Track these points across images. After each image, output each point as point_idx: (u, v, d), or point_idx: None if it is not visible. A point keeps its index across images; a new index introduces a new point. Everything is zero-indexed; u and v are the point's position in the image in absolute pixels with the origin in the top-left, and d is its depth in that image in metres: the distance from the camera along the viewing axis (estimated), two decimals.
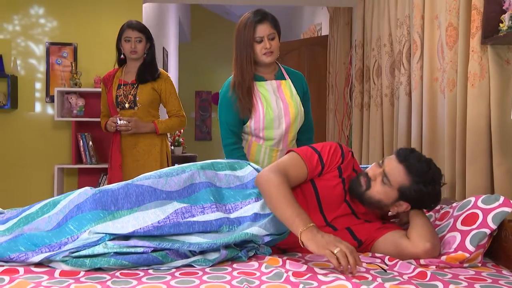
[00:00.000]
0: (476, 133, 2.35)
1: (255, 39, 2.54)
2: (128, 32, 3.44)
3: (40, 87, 4.71)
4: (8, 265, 1.66)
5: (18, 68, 4.67)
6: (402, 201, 1.90)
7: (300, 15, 8.83)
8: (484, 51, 2.34)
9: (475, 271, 1.73)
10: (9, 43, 4.65)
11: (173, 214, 1.83)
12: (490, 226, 1.79)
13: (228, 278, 1.56)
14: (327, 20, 6.24)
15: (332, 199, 1.96)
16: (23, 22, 4.65)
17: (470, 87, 2.38)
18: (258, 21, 2.54)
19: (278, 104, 2.62)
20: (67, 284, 1.49)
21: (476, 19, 2.37)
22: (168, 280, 1.54)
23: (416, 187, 1.86)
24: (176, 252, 1.72)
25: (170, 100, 3.55)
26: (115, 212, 1.79)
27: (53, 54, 4.68)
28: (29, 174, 4.66)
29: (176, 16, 8.61)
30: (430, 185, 1.87)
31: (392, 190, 1.88)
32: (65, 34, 4.69)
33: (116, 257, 1.66)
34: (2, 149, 4.65)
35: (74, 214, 1.79)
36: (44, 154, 4.68)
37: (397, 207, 1.92)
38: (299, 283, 1.47)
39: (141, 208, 1.82)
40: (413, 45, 3.18)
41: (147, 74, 3.48)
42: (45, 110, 4.72)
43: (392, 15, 3.67)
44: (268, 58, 2.56)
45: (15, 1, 4.62)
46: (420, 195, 1.86)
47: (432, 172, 1.89)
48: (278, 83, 2.66)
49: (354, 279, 1.55)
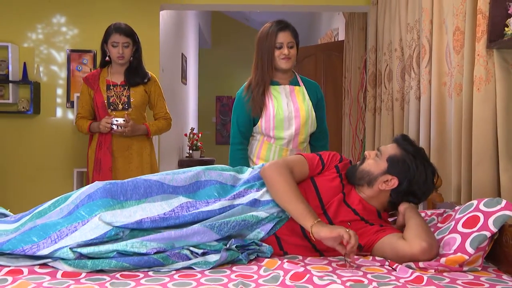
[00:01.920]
0: (482, 137, 2.31)
1: (276, 45, 2.68)
2: (115, 36, 3.35)
3: (61, 93, 4.76)
4: (14, 265, 1.67)
5: (41, 74, 4.73)
6: (390, 174, 1.94)
7: (319, 20, 8.80)
8: (490, 55, 2.30)
9: (474, 275, 1.69)
10: (33, 51, 4.71)
11: (179, 207, 1.89)
12: (491, 229, 1.75)
13: (225, 281, 1.55)
14: (343, 25, 6.20)
15: (329, 192, 1.99)
16: (46, 31, 4.71)
17: (476, 91, 2.34)
18: (280, 28, 2.70)
19: (289, 106, 2.73)
20: (67, 285, 1.50)
21: (482, 23, 2.33)
22: (166, 282, 1.54)
23: (405, 157, 1.94)
24: (177, 254, 1.72)
25: (158, 103, 3.55)
26: (124, 202, 1.87)
27: (73, 61, 4.74)
28: (50, 177, 4.71)
29: (196, 23, 8.65)
30: (417, 159, 1.94)
31: (382, 161, 1.97)
32: (85, 42, 4.74)
33: (118, 259, 1.66)
34: (25, 153, 4.71)
35: (85, 202, 1.86)
36: (64, 157, 4.73)
37: (385, 183, 1.95)
38: (294, 286, 1.45)
39: (149, 200, 1.89)
40: (422, 50, 3.14)
41: (137, 77, 3.43)
42: (65, 115, 4.77)
43: (403, 19, 3.63)
44: (285, 63, 2.70)
45: (38, 11, 4.68)
46: (408, 168, 1.93)
47: (421, 150, 1.99)
48: (292, 88, 2.78)
49: (349, 282, 1.53)
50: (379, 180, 1.96)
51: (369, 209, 1.99)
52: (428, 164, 1.97)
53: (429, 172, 1.95)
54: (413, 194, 1.96)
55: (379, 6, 4.30)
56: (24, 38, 4.69)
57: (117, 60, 3.40)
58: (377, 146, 4.21)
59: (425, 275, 1.61)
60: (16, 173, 4.70)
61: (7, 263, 1.69)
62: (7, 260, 1.70)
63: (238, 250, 1.81)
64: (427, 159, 1.99)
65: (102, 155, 3.41)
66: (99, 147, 3.44)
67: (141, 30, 3.74)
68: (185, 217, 1.85)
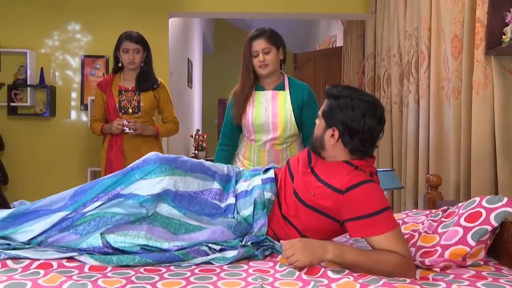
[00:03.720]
0: (481, 138, 2.32)
1: (252, 54, 2.65)
2: (126, 43, 3.36)
3: (76, 96, 4.76)
4: (44, 259, 1.67)
5: (57, 79, 4.73)
6: (329, 128, 1.80)
7: (317, 28, 8.81)
8: (488, 61, 2.32)
9: (476, 270, 1.70)
10: (49, 56, 4.71)
11: (208, 191, 1.96)
12: (492, 224, 1.76)
13: (243, 275, 1.55)
14: (341, 32, 6.21)
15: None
16: (61, 38, 4.71)
17: (475, 95, 2.35)
18: (253, 37, 2.65)
19: (268, 112, 2.70)
20: (95, 278, 1.50)
21: (480, 31, 2.34)
22: (188, 276, 1.54)
23: (331, 105, 1.79)
24: (197, 250, 1.72)
25: (167, 107, 3.55)
26: (174, 169, 1.91)
27: (87, 66, 4.74)
28: (65, 176, 4.71)
29: (201, 30, 8.65)
30: (342, 99, 1.77)
31: (320, 120, 1.86)
32: (98, 48, 4.74)
33: (141, 255, 1.67)
34: (42, 153, 4.71)
35: (140, 165, 1.92)
36: (79, 157, 4.73)
37: (331, 138, 1.80)
38: (310, 281, 1.45)
39: (192, 175, 1.95)
40: (421, 56, 3.15)
41: (147, 83, 3.44)
42: (79, 117, 4.77)
43: (401, 27, 3.64)
44: (263, 70, 2.67)
45: (55, 19, 4.68)
46: (338, 113, 1.77)
47: (345, 90, 1.80)
48: (274, 93, 2.74)
49: (361, 278, 1.53)
50: (325, 139, 1.82)
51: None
52: (357, 97, 1.76)
53: (360, 105, 1.74)
54: (359, 133, 1.76)
55: (377, 14, 4.31)
56: (41, 45, 4.70)
57: (128, 66, 3.41)
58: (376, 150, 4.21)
59: (430, 275, 1.62)
60: (33, 172, 4.70)
61: (36, 256, 1.69)
62: (36, 253, 1.70)
63: (253, 246, 1.81)
64: (355, 96, 1.77)
65: (114, 155, 3.42)
66: (110, 147, 3.45)
67: (151, 37, 3.74)
68: (207, 204, 1.92)
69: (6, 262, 1.64)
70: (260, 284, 1.43)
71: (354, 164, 1.80)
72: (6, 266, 1.61)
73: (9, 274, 1.51)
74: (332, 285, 1.43)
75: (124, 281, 1.48)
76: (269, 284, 1.45)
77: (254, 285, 1.44)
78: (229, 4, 4.82)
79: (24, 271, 1.55)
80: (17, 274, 1.52)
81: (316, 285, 1.42)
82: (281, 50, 2.71)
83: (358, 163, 1.81)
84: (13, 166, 4.62)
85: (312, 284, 1.42)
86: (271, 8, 4.82)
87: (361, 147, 1.79)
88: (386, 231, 1.66)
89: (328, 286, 1.43)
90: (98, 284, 1.45)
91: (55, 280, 1.46)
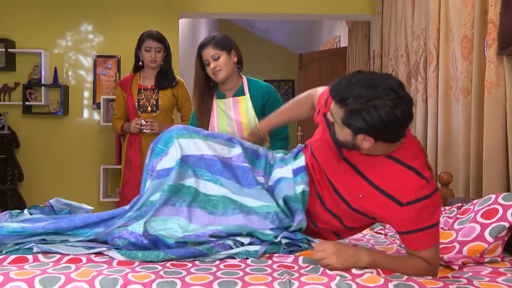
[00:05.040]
0: (492, 136, 2.32)
1: (204, 63, 2.58)
2: (149, 42, 3.35)
3: (88, 96, 4.76)
4: (73, 254, 1.68)
5: (69, 78, 4.73)
6: (355, 134, 1.53)
7: (320, 28, 8.79)
8: (500, 61, 2.32)
9: (493, 267, 1.70)
10: (62, 56, 4.71)
11: (236, 157, 1.90)
12: (509, 220, 1.77)
13: (269, 271, 1.55)
14: (345, 32, 6.20)
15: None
16: (74, 38, 4.72)
17: (487, 94, 2.35)
18: (201, 47, 2.59)
19: (231, 122, 2.64)
20: (125, 273, 1.50)
21: (493, 31, 2.34)
22: (214, 272, 1.54)
23: (346, 113, 1.50)
24: (221, 244, 1.72)
25: (185, 105, 3.54)
26: (192, 133, 1.90)
27: (99, 65, 4.73)
28: (78, 173, 4.72)
29: (207, 30, 8.64)
30: (361, 111, 1.46)
31: (342, 127, 1.56)
32: (110, 48, 4.74)
33: (165, 251, 1.67)
34: (55, 151, 4.71)
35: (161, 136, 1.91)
36: (91, 155, 4.73)
37: (365, 141, 1.54)
38: (336, 276, 1.45)
39: (214, 140, 1.92)
40: (429, 56, 3.15)
41: (166, 81, 3.43)
42: (92, 116, 4.77)
43: (409, 28, 3.63)
44: (217, 77, 2.59)
45: (68, 20, 4.68)
46: (353, 117, 1.48)
47: (357, 93, 1.48)
48: (235, 100, 2.67)
49: (385, 274, 1.53)
50: (358, 143, 1.56)
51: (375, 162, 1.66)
52: (376, 98, 1.46)
53: (383, 104, 1.45)
54: (396, 127, 1.51)
55: (384, 15, 4.30)
56: (55, 45, 4.70)
57: (149, 64, 3.40)
58: None
59: (449, 274, 1.63)
60: (47, 169, 4.71)
61: (66, 251, 1.69)
62: (66, 248, 1.70)
63: (285, 247, 1.79)
64: (372, 96, 1.46)
65: (132, 153, 3.42)
66: (129, 145, 3.45)
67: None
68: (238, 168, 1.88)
69: (38, 256, 1.65)
70: (288, 279, 1.43)
71: (411, 166, 1.60)
72: (38, 261, 1.62)
73: (42, 268, 1.51)
74: (357, 280, 1.43)
75: (154, 276, 1.48)
76: (295, 279, 1.45)
77: (281, 280, 1.44)
78: (236, 5, 4.82)
79: (56, 265, 1.56)
80: (49, 268, 1.52)
81: (341, 280, 1.42)
82: (234, 53, 2.61)
83: (404, 156, 1.62)
84: (28, 163, 4.63)
85: (338, 279, 1.42)
86: (277, 9, 4.82)
87: (398, 137, 1.58)
88: (429, 247, 1.61)
89: (353, 280, 1.43)
90: (129, 278, 1.46)
91: (87, 274, 1.46)
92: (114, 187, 4.71)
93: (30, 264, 1.58)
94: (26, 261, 1.61)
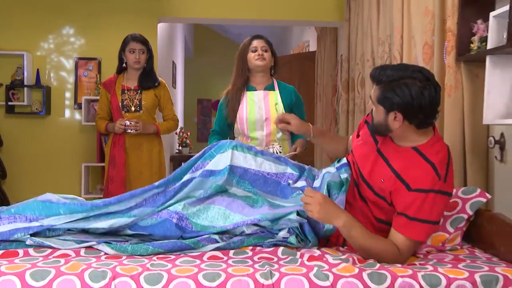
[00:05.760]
0: (452, 137, 2.38)
1: (251, 49, 2.76)
2: (133, 44, 3.34)
3: (70, 96, 4.68)
4: (64, 248, 1.66)
5: (52, 80, 4.64)
6: (391, 111, 1.63)
7: (290, 34, 8.85)
8: (458, 66, 2.38)
9: (454, 254, 1.75)
10: (45, 58, 4.62)
11: (281, 175, 1.98)
12: (468, 212, 1.83)
13: (250, 263, 1.56)
14: (314, 38, 6.26)
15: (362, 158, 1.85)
16: (56, 41, 4.63)
17: (447, 97, 2.41)
18: (255, 37, 2.81)
19: (261, 110, 2.75)
20: (113, 266, 1.49)
21: (451, 39, 2.40)
22: (198, 264, 1.54)
23: (386, 90, 1.62)
24: (207, 239, 1.72)
25: (167, 105, 3.53)
26: (244, 148, 2.01)
27: (80, 67, 4.66)
28: (60, 170, 4.63)
29: (182, 34, 8.58)
30: (394, 82, 1.60)
31: (377, 106, 1.67)
32: (91, 50, 4.67)
33: (154, 244, 1.67)
34: (38, 149, 4.62)
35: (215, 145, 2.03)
36: (73, 153, 4.65)
37: (396, 121, 1.64)
38: (314, 266, 1.47)
39: (263, 156, 2.02)
40: (394, 61, 3.20)
41: (149, 81, 3.41)
42: (73, 116, 4.69)
43: (375, 34, 3.69)
44: (259, 62, 2.74)
45: (50, 23, 4.60)
46: (395, 97, 1.60)
47: (394, 73, 1.62)
48: (266, 93, 2.79)
49: (359, 263, 1.56)
50: (389, 123, 1.65)
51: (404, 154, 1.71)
52: (408, 75, 1.60)
53: (414, 83, 1.58)
54: (421, 108, 1.60)
55: (351, 22, 4.36)
56: (37, 47, 4.60)
57: (133, 65, 3.37)
58: None
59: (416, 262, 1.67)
60: (30, 167, 4.61)
61: (57, 245, 1.67)
62: (57, 242, 1.68)
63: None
64: (405, 75, 1.61)
65: (117, 152, 3.38)
66: (113, 145, 3.41)
67: None
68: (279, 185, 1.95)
69: (28, 251, 1.62)
70: (269, 270, 1.44)
71: (432, 161, 1.64)
72: (28, 255, 1.60)
73: (32, 262, 1.49)
74: (333, 270, 1.46)
75: (141, 269, 1.48)
76: (276, 270, 1.46)
77: (262, 271, 1.45)
78: (212, 11, 4.81)
79: (45, 259, 1.54)
80: (39, 262, 1.50)
81: (319, 270, 1.44)
82: (273, 57, 2.81)
83: (429, 152, 1.66)
84: (11, 161, 4.52)
85: (315, 270, 1.44)
86: (251, 15, 4.83)
87: (427, 120, 1.65)
88: (411, 237, 1.63)
89: (329, 270, 1.46)
90: (117, 271, 1.45)
91: (76, 267, 1.45)
92: (95, 184, 4.65)
93: (20, 258, 1.56)
94: (16, 255, 1.59)
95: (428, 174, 1.63)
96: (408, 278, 1.44)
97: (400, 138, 1.72)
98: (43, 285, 1.38)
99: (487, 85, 2.12)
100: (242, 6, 4.79)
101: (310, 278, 1.41)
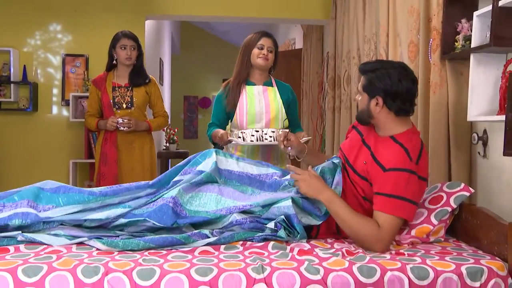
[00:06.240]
0: (437, 131, 2.40)
1: (257, 46, 2.72)
2: (124, 40, 3.32)
3: (57, 93, 4.61)
4: (56, 245, 1.64)
5: (39, 76, 4.58)
6: (372, 97, 1.84)
7: (276, 31, 8.83)
8: (443, 64, 2.40)
9: (441, 246, 1.78)
10: (31, 55, 4.55)
11: (264, 175, 2.06)
12: (452, 205, 1.86)
13: (241, 257, 1.56)
14: (300, 35, 6.26)
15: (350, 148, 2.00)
16: (43, 37, 4.56)
17: (432, 94, 2.43)
18: (264, 34, 2.77)
19: (261, 103, 2.75)
20: (105, 261, 1.48)
21: (436, 38, 2.42)
22: (190, 259, 1.54)
23: (369, 77, 1.84)
24: (198, 234, 1.72)
25: (158, 102, 3.51)
26: (226, 154, 2.12)
27: (68, 64, 4.60)
28: (48, 167, 4.57)
29: (169, 31, 8.53)
30: (377, 70, 1.83)
31: (362, 94, 1.89)
32: (79, 47, 4.61)
33: (145, 240, 1.66)
34: (25, 146, 4.55)
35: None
36: (61, 150, 4.59)
37: (377, 106, 1.84)
38: (304, 261, 1.48)
39: (245, 161, 2.13)
40: (379, 58, 3.23)
41: (140, 78, 3.39)
42: (61, 113, 4.63)
43: (360, 32, 3.71)
44: (262, 61, 2.73)
45: (37, 20, 4.53)
46: (377, 82, 1.81)
47: (378, 63, 1.89)
48: (265, 88, 2.80)
49: (348, 256, 1.57)
50: (372, 109, 1.85)
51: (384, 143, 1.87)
52: (390, 67, 1.83)
53: (394, 72, 1.81)
54: (399, 95, 1.80)
55: (337, 20, 4.37)
56: (24, 44, 4.53)
57: (125, 62, 3.34)
58: (336, 140, 4.29)
59: (404, 251, 1.68)
60: (18, 163, 4.54)
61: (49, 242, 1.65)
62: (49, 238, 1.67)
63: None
64: (388, 66, 1.84)
65: (108, 149, 3.35)
66: (105, 141, 3.37)
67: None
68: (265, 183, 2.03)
69: (19, 247, 1.60)
70: (260, 264, 1.45)
71: (405, 146, 1.78)
72: (19, 251, 1.58)
73: (24, 258, 1.48)
74: (323, 264, 1.47)
75: (133, 264, 1.47)
76: (267, 264, 1.47)
77: (254, 265, 1.45)
78: (199, 8, 4.78)
79: (37, 255, 1.52)
80: (31, 258, 1.49)
81: (310, 264, 1.45)
82: (275, 58, 2.81)
83: (404, 140, 1.81)
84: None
85: (306, 264, 1.45)
86: (237, 13, 4.82)
87: (404, 107, 1.83)
88: (392, 213, 1.70)
89: (320, 264, 1.47)
90: (110, 266, 1.44)
91: (69, 263, 1.44)
92: (83, 180, 4.60)
93: (11, 255, 1.54)
94: (7, 252, 1.57)
95: (399, 155, 1.76)
96: (397, 272, 1.46)
97: (381, 127, 1.88)
98: (36, 281, 1.37)
99: (471, 83, 2.15)
100: (228, 3, 4.78)
101: (301, 272, 1.42)
